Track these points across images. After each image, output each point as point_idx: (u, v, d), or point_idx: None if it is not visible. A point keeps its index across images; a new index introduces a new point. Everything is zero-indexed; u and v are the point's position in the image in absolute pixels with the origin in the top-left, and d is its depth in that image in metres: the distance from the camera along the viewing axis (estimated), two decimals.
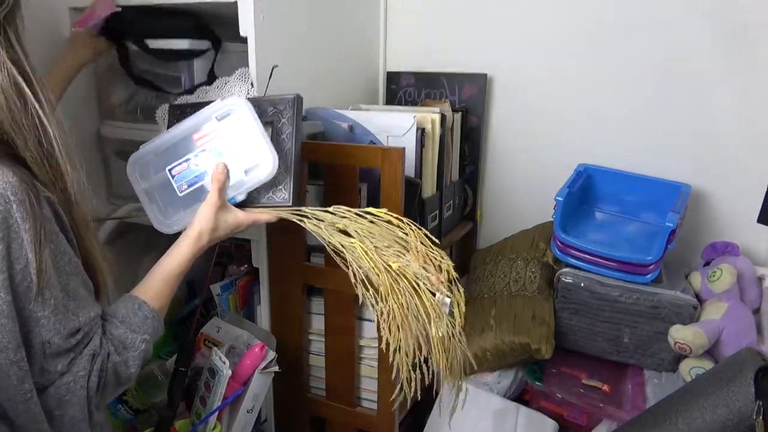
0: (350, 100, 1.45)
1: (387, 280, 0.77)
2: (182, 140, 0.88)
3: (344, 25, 1.40)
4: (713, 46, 1.29)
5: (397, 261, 0.78)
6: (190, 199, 0.88)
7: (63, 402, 0.62)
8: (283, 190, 0.88)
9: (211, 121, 0.86)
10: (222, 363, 1.00)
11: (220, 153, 0.86)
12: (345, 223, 0.84)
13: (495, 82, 1.51)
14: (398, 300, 0.77)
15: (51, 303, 0.60)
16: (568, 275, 1.22)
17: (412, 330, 0.77)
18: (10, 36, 0.60)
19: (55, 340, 0.61)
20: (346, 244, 0.82)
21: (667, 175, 1.36)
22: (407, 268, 0.78)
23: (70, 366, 0.62)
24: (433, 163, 1.24)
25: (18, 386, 0.58)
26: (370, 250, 0.80)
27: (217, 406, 1.00)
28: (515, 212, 1.56)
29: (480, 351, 1.23)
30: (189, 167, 0.87)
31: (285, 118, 0.88)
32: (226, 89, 1.03)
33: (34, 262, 0.57)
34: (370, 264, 0.79)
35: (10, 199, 0.56)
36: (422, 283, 0.78)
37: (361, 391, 1.18)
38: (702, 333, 1.08)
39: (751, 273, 1.23)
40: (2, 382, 0.57)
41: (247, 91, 1.00)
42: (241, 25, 1.03)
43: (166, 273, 0.78)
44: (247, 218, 0.86)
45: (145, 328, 0.72)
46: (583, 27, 1.40)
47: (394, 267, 0.78)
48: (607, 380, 1.20)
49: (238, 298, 1.28)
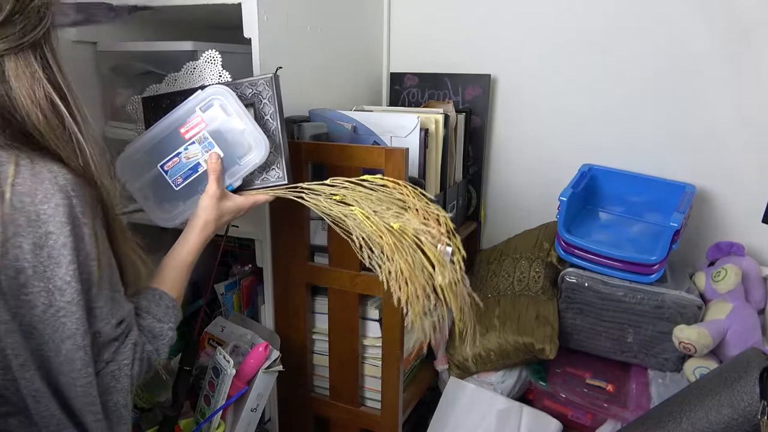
0: (354, 101, 1.46)
1: (390, 240, 0.81)
2: (169, 135, 0.88)
3: (348, 26, 1.40)
4: (718, 45, 1.28)
5: (397, 221, 0.82)
6: (187, 192, 0.89)
7: (109, 389, 0.65)
8: (277, 169, 0.90)
9: (195, 113, 0.87)
10: (226, 362, 1.00)
11: (210, 143, 0.87)
12: (343, 193, 0.87)
13: (498, 82, 1.52)
14: (403, 256, 0.80)
15: (104, 294, 0.63)
16: (572, 275, 1.22)
17: (420, 282, 0.80)
18: (47, 54, 0.61)
19: (106, 329, 0.64)
20: (347, 212, 0.84)
21: (672, 175, 1.36)
22: (408, 225, 0.82)
23: (115, 355, 0.66)
24: (437, 163, 1.24)
25: (82, 371, 0.61)
26: (370, 215, 0.83)
27: (221, 405, 1.01)
28: (519, 212, 1.56)
29: (484, 351, 1.23)
30: (181, 161, 0.88)
31: (265, 98, 0.89)
32: (196, 74, 1.02)
33: (94, 254, 0.61)
34: (371, 227, 0.82)
35: (71, 194, 0.59)
36: (424, 237, 0.81)
37: (365, 390, 1.19)
38: (707, 333, 1.07)
39: (756, 273, 1.23)
40: (67, 366, 0.60)
41: (218, 74, 0.99)
42: (245, 26, 1.04)
43: (178, 264, 0.81)
44: (246, 201, 0.88)
45: (168, 317, 0.76)
46: (587, 27, 1.40)
47: (395, 227, 0.81)
48: (612, 380, 1.20)
49: (242, 297, 1.29)
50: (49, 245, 0.57)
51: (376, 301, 1.15)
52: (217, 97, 0.86)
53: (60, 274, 0.58)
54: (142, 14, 1.19)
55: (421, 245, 0.81)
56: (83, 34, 1.20)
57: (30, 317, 0.58)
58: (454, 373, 1.29)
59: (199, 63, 0.99)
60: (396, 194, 0.86)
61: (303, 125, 1.09)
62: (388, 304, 1.08)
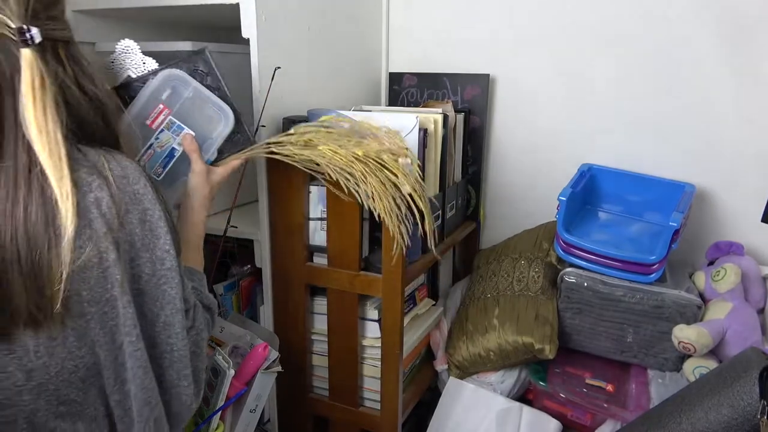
0: (353, 101, 1.45)
1: (359, 166, 0.92)
2: (137, 131, 0.89)
3: (346, 26, 1.40)
4: (718, 45, 1.28)
5: (360, 148, 0.94)
6: (171, 178, 0.91)
7: (194, 354, 0.70)
8: (239, 134, 0.93)
9: (156, 102, 0.88)
10: (225, 363, 1.00)
11: (179, 126, 0.89)
12: (308, 137, 0.95)
13: (498, 82, 1.51)
14: (374, 177, 0.93)
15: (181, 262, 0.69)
16: (571, 275, 1.22)
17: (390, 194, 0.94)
18: (75, 53, 0.63)
19: (187, 295, 0.70)
20: (316, 153, 0.94)
21: (672, 174, 1.36)
22: (369, 149, 0.94)
23: (194, 321, 0.71)
24: (436, 163, 1.24)
25: (180, 334, 0.66)
26: (336, 149, 0.93)
27: (220, 405, 1.01)
28: (518, 212, 1.56)
29: (483, 351, 1.22)
30: (156, 151, 0.89)
31: (205, 71, 0.91)
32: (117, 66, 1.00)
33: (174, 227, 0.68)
34: (341, 159, 0.93)
35: (148, 175, 0.66)
36: (385, 156, 0.94)
37: (364, 391, 1.19)
38: (706, 332, 1.07)
39: (756, 272, 1.23)
40: (165, 333, 0.65)
41: (141, 62, 0.98)
42: (244, 26, 1.04)
43: (192, 243, 0.85)
44: (226, 170, 0.92)
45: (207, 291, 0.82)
46: (586, 26, 1.39)
47: (360, 153, 0.93)
48: (611, 380, 1.20)
49: (242, 298, 1.29)
50: (148, 220, 0.63)
51: (375, 302, 1.14)
52: (172, 81, 0.88)
53: (159, 244, 0.64)
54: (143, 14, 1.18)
55: (384, 163, 0.94)
56: (82, 34, 1.20)
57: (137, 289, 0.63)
58: (453, 373, 1.29)
59: (115, 55, 0.98)
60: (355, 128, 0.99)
61: (301, 125, 1.09)
62: (388, 305, 1.08)
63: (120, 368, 0.63)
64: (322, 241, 1.11)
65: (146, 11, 1.22)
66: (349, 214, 1.05)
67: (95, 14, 1.22)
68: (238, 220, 1.18)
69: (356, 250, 1.07)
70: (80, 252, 0.57)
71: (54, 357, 0.58)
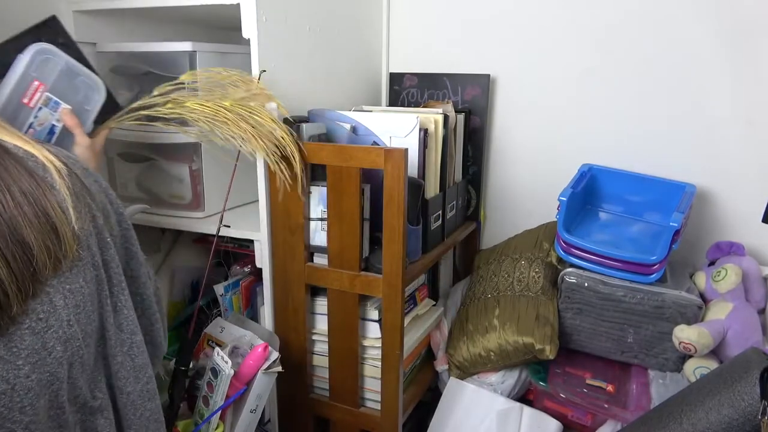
0: (353, 102, 1.45)
1: (230, 115, 0.98)
2: (14, 112, 0.86)
3: (347, 26, 1.40)
4: (718, 45, 1.28)
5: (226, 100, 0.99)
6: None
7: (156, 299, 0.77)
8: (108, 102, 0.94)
9: (29, 79, 0.85)
10: (224, 363, 1.00)
11: (56, 101, 0.88)
12: (174, 95, 0.99)
13: (498, 82, 1.51)
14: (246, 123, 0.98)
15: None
16: (571, 275, 1.22)
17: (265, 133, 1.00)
18: None
19: None
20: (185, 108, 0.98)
21: (672, 175, 1.36)
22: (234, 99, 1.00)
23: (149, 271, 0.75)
24: (436, 163, 1.24)
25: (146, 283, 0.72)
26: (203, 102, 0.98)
27: (219, 405, 1.01)
28: (519, 212, 1.56)
29: (484, 351, 1.22)
30: (36, 130, 0.87)
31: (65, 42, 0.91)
32: None
33: None
34: (211, 111, 0.97)
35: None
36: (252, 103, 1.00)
37: (365, 391, 1.18)
38: (707, 333, 1.07)
39: (757, 273, 1.23)
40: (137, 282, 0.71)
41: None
42: (244, 26, 1.04)
43: None
44: (101, 139, 0.94)
45: None
46: (586, 27, 1.39)
47: (227, 104, 0.98)
48: (612, 380, 1.20)
49: (242, 298, 1.29)
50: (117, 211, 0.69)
51: (375, 302, 1.14)
52: (42, 56, 0.86)
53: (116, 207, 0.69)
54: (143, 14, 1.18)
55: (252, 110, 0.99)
56: (82, 34, 1.20)
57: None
58: (453, 373, 1.29)
59: None
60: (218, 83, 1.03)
61: (302, 126, 1.09)
62: (388, 305, 1.08)
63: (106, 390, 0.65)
64: (322, 241, 1.11)
65: (146, 11, 1.22)
66: (350, 214, 1.05)
67: (95, 14, 1.22)
68: (239, 220, 1.18)
69: (356, 251, 1.07)
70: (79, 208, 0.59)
71: (80, 322, 0.59)
